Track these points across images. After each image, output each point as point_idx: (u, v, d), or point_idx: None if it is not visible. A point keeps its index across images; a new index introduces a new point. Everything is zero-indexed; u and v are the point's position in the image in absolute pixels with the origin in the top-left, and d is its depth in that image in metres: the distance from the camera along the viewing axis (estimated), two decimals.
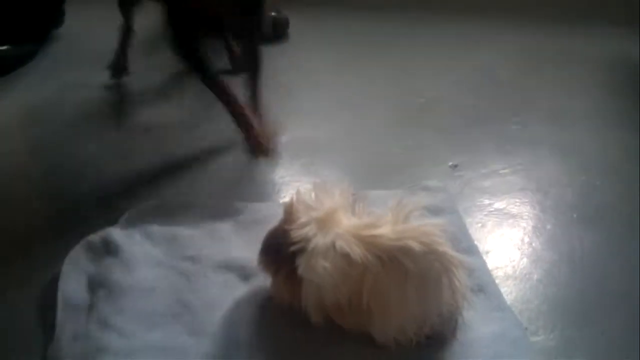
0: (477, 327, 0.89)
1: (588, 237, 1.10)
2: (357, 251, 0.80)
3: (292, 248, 0.82)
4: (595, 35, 1.82)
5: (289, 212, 0.86)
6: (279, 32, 1.74)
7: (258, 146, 1.19)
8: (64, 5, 1.71)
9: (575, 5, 1.97)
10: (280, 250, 0.84)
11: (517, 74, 1.64)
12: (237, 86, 1.22)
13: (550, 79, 1.61)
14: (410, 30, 1.84)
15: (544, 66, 1.67)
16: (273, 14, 1.73)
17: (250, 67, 1.24)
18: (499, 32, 1.83)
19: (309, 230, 0.82)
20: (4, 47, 1.55)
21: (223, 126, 1.36)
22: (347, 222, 0.85)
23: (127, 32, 1.51)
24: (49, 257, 0.98)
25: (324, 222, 0.83)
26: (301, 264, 0.81)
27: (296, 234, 0.82)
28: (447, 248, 0.84)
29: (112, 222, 1.05)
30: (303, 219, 0.83)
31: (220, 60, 1.44)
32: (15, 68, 1.55)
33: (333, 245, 0.81)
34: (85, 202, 1.14)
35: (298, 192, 0.87)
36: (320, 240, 0.81)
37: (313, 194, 0.87)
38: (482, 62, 1.68)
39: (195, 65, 1.20)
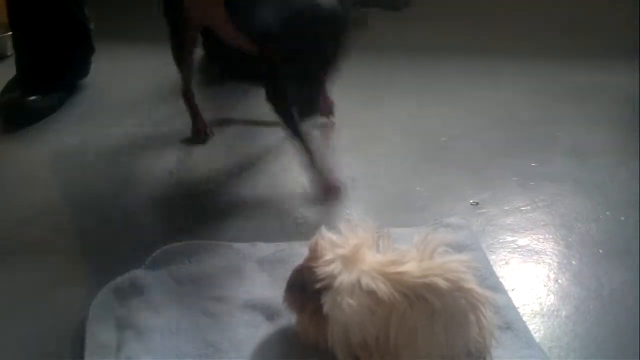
0: None
1: (615, 272, 1.08)
2: (383, 288, 0.80)
3: (317, 285, 0.82)
4: (613, 70, 1.83)
5: (314, 249, 0.86)
6: None
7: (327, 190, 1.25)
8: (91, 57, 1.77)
9: (592, 41, 2.00)
10: (306, 288, 0.84)
11: (536, 110, 1.65)
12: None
13: (570, 115, 1.62)
14: (429, 71, 1.87)
15: (563, 102, 1.68)
16: None
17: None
18: (516, 69, 1.85)
19: (334, 268, 0.82)
20: (34, 97, 1.60)
21: (245, 168, 1.39)
22: (372, 259, 0.85)
23: (188, 92, 1.49)
24: (77, 300, 0.99)
25: (350, 260, 0.84)
26: (327, 301, 0.81)
27: (321, 271, 0.83)
28: (473, 285, 0.84)
29: (139, 263, 1.06)
30: (328, 256, 0.84)
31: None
32: (44, 117, 1.60)
33: (359, 282, 0.81)
34: (111, 244, 1.16)
35: (323, 230, 0.88)
36: (345, 278, 0.81)
37: (338, 232, 0.88)
38: (502, 100, 1.69)
39: (287, 117, 1.24)
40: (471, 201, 1.28)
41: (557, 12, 2.24)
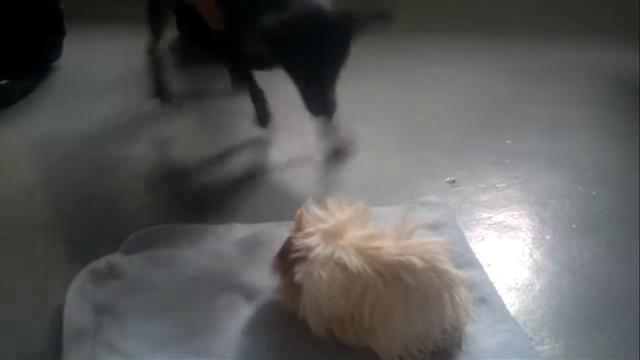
0: (482, 339, 0.90)
1: (587, 246, 1.11)
2: (354, 262, 0.81)
3: (293, 255, 0.84)
4: (588, 48, 1.84)
5: (299, 221, 0.87)
6: None
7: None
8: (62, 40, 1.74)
9: (568, 18, 2.01)
10: (288, 257, 0.86)
11: (512, 88, 1.66)
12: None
13: (545, 93, 1.63)
14: (406, 50, 1.86)
15: (539, 80, 1.70)
16: None
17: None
18: (493, 48, 1.86)
19: (312, 241, 0.84)
20: (5, 81, 1.57)
21: (220, 149, 1.38)
22: (352, 235, 0.86)
23: (154, 50, 1.50)
24: (55, 284, 0.99)
25: (330, 234, 0.85)
26: (300, 271, 0.83)
27: (299, 242, 0.84)
28: (448, 266, 0.85)
29: (116, 247, 1.06)
30: (310, 229, 0.85)
31: None
32: (16, 101, 1.57)
33: (332, 255, 0.82)
34: (88, 228, 1.15)
35: (309, 204, 0.89)
36: (321, 250, 0.83)
37: (325, 207, 0.89)
38: (478, 78, 1.70)
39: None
40: (447, 179, 1.29)
41: None
